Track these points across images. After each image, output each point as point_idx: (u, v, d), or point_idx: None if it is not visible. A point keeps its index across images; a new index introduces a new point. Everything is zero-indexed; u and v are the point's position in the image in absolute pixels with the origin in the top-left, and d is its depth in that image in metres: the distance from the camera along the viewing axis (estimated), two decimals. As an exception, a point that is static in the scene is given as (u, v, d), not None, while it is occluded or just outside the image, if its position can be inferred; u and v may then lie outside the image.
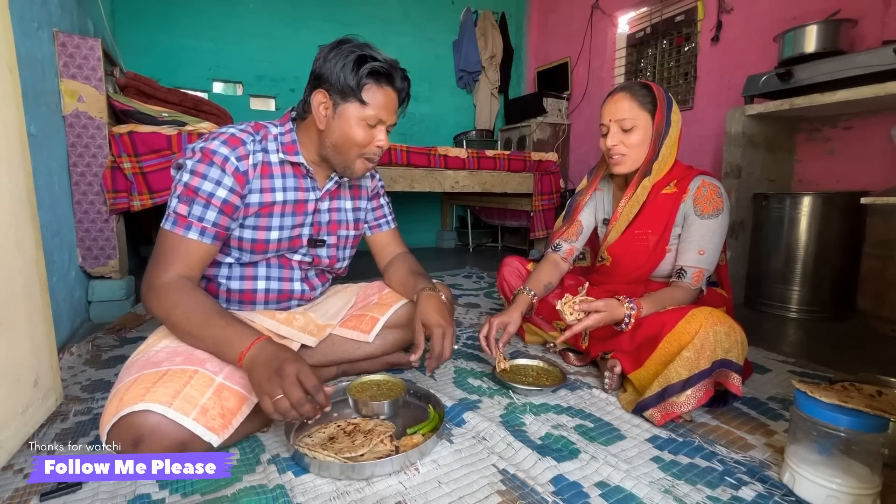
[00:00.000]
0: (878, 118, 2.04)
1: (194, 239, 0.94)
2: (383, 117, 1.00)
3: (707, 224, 1.18)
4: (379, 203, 1.30)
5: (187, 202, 0.93)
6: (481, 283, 2.55)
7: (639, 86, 1.22)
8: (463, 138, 3.70)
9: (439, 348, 1.05)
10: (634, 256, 1.28)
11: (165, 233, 0.94)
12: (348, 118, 0.99)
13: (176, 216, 0.93)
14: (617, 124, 1.21)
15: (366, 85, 0.97)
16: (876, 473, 0.74)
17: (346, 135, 1.00)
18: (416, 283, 1.17)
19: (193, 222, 0.93)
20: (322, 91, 0.98)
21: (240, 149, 0.98)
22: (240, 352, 0.84)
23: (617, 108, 1.21)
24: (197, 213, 0.94)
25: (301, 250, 1.13)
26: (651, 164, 1.21)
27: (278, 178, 1.05)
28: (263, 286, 1.11)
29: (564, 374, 1.21)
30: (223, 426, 0.82)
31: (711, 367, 0.96)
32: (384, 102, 0.99)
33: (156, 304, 0.90)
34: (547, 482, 0.81)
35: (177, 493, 0.78)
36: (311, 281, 1.20)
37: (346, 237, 1.22)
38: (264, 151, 1.03)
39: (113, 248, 1.78)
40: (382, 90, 0.99)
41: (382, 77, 0.98)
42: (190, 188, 0.94)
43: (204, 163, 0.95)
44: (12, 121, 0.94)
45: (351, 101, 0.98)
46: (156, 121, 1.88)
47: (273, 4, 3.38)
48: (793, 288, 2.02)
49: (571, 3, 3.76)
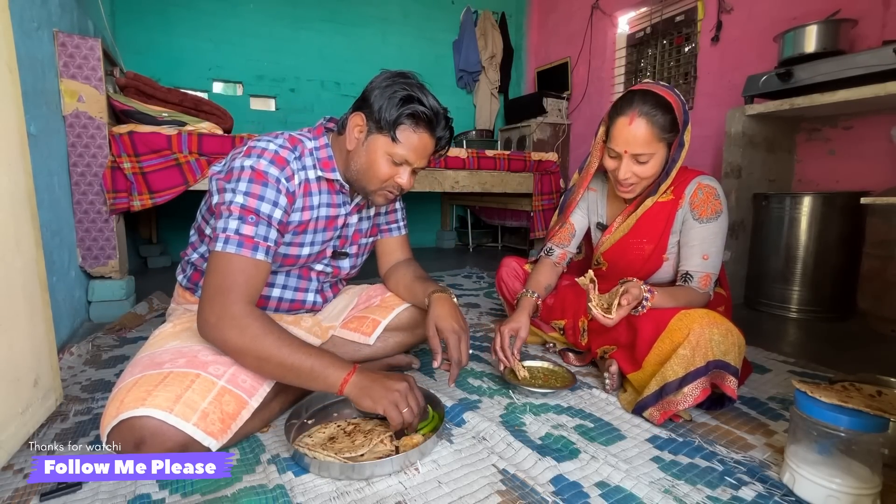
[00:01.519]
0: (878, 118, 2.04)
1: (262, 259, 0.90)
2: (411, 159, 0.99)
3: (707, 228, 1.15)
4: (394, 207, 1.28)
5: (253, 223, 0.90)
6: (481, 283, 2.56)
7: (660, 109, 1.07)
8: (463, 138, 3.70)
9: (457, 354, 1.03)
10: (629, 263, 1.28)
11: (229, 256, 0.88)
12: (376, 149, 0.98)
13: (241, 238, 0.88)
14: (632, 158, 1.11)
15: (402, 124, 0.96)
16: (876, 473, 0.74)
17: (370, 164, 0.99)
18: (426, 287, 1.15)
19: (260, 242, 0.90)
20: (361, 114, 0.98)
21: (287, 169, 0.96)
22: (343, 378, 0.86)
23: (634, 138, 1.08)
24: (262, 233, 0.91)
25: (324, 260, 1.13)
26: (659, 185, 1.17)
27: (315, 196, 1.04)
28: (277, 294, 1.11)
29: (573, 375, 1.21)
30: (222, 430, 0.83)
31: (707, 365, 0.96)
32: (416, 146, 0.98)
33: (237, 335, 0.84)
34: (547, 482, 0.81)
35: (177, 493, 0.78)
36: (325, 293, 1.21)
37: (365, 245, 1.22)
38: (304, 169, 1.01)
39: (113, 248, 1.78)
40: (418, 134, 0.97)
41: (422, 122, 0.97)
42: (249, 209, 0.90)
43: (258, 183, 0.92)
44: (12, 121, 0.94)
45: (384, 135, 0.97)
46: (156, 121, 1.88)
47: (273, 4, 3.38)
48: (793, 288, 2.02)
49: (571, 3, 3.76)
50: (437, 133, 1.00)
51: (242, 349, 0.85)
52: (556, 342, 1.47)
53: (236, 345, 0.85)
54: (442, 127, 1.01)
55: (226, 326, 0.85)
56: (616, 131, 1.11)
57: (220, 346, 0.88)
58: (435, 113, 0.98)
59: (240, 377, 0.89)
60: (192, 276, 1.11)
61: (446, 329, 1.04)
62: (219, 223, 0.90)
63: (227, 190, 0.92)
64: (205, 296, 0.87)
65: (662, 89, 1.11)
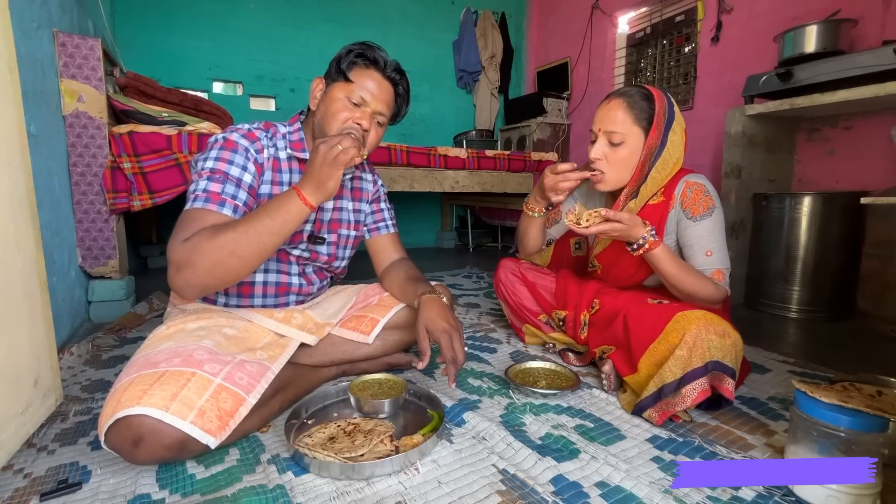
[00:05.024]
0: (878, 118, 2.04)
1: (227, 215, 0.92)
2: (367, 98, 1.04)
3: (702, 225, 1.15)
4: (379, 207, 1.30)
5: (220, 181, 0.94)
6: (481, 283, 2.56)
7: (640, 95, 1.13)
8: (463, 138, 3.70)
9: (451, 353, 1.02)
10: (624, 267, 1.28)
11: (194, 210, 0.90)
12: (334, 96, 1.04)
13: (208, 194, 0.92)
14: (606, 136, 1.14)
15: (354, 64, 1.04)
16: (876, 473, 0.74)
17: (328, 110, 1.04)
18: (416, 288, 1.15)
19: (227, 199, 0.94)
20: (320, 77, 1.09)
21: (257, 143, 1.04)
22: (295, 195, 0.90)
23: (609, 117, 1.13)
24: (230, 191, 0.95)
25: (301, 245, 1.14)
26: (638, 187, 1.16)
27: (286, 173, 1.09)
28: (262, 278, 1.12)
29: (577, 375, 1.21)
30: (220, 428, 0.83)
31: (705, 366, 0.96)
32: (370, 85, 1.04)
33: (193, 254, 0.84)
34: (547, 482, 0.81)
35: (177, 494, 0.78)
36: (308, 276, 1.20)
37: (347, 237, 1.23)
38: (274, 147, 1.08)
39: (113, 248, 1.78)
40: (369, 72, 1.04)
41: (371, 62, 1.04)
42: (218, 171, 0.95)
43: (227, 150, 0.98)
44: (12, 121, 0.94)
45: (339, 81, 1.04)
46: (156, 121, 1.88)
47: (273, 4, 3.38)
48: (793, 288, 2.02)
49: (571, 3, 3.76)
50: (387, 72, 1.06)
51: (207, 259, 0.85)
52: (556, 343, 1.47)
53: (200, 262, 0.85)
54: (392, 69, 1.07)
55: (182, 258, 0.85)
56: (596, 115, 1.19)
57: (190, 281, 0.86)
58: (384, 59, 1.06)
59: (237, 374, 0.89)
60: None
61: (436, 330, 1.03)
62: (189, 188, 0.95)
63: (199, 160, 0.99)
64: (168, 247, 0.88)
65: (651, 87, 1.17)
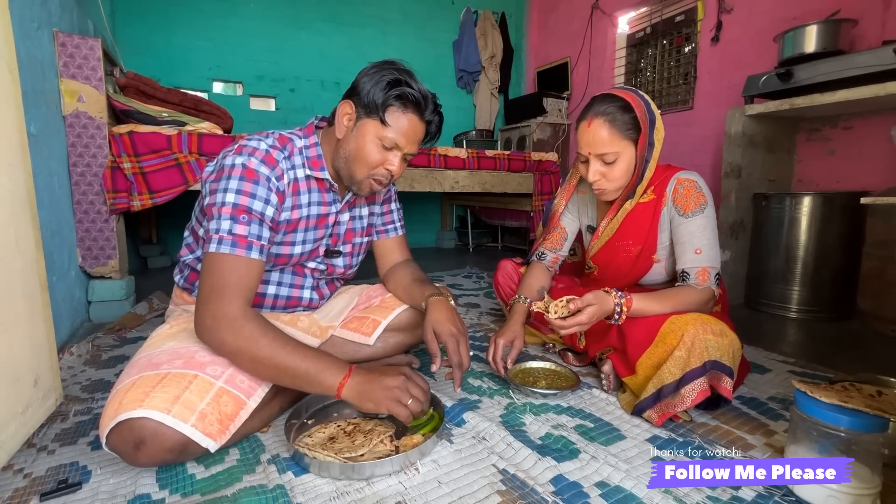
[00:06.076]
0: (878, 118, 2.04)
1: (256, 258, 0.90)
2: (401, 143, 0.98)
3: (694, 222, 1.14)
4: (389, 208, 1.28)
5: (245, 223, 0.90)
6: (481, 283, 2.56)
7: (617, 108, 1.10)
8: (463, 138, 3.70)
9: (457, 358, 1.03)
10: (619, 266, 1.28)
11: (223, 256, 0.87)
12: (365, 134, 0.97)
13: (234, 238, 0.88)
14: (598, 158, 1.14)
15: (391, 106, 0.96)
16: (876, 473, 0.74)
17: (359, 150, 0.98)
18: (423, 290, 1.15)
19: (254, 242, 0.90)
20: (350, 102, 0.98)
21: (277, 168, 0.96)
22: (339, 382, 0.86)
23: (596, 140, 1.11)
24: (255, 231, 0.91)
25: (317, 259, 1.13)
26: (636, 188, 1.18)
27: (304, 194, 1.04)
28: (273, 291, 1.11)
29: (577, 376, 1.21)
30: (221, 431, 0.82)
31: (703, 366, 0.96)
32: (405, 129, 0.97)
33: (232, 338, 0.84)
34: (547, 482, 0.81)
35: (177, 494, 0.78)
36: (321, 290, 1.20)
37: (360, 244, 1.22)
38: (293, 168, 1.02)
39: (113, 248, 1.78)
40: (407, 116, 0.97)
41: (410, 104, 0.97)
42: (241, 208, 0.90)
43: (249, 181, 0.91)
44: (12, 121, 0.94)
45: (373, 118, 0.97)
46: (156, 121, 1.89)
47: (273, 4, 3.38)
48: (793, 288, 2.02)
49: (571, 3, 3.76)
50: (425, 116, 1.00)
51: (237, 351, 0.85)
52: (556, 343, 1.47)
53: (231, 347, 0.85)
54: (431, 111, 1.00)
55: (221, 328, 0.85)
56: (580, 136, 1.16)
57: (215, 349, 0.88)
58: (423, 96, 0.98)
59: (238, 378, 0.89)
60: (189, 276, 1.11)
61: (444, 333, 1.04)
62: (211, 224, 0.90)
63: (219, 190, 0.91)
64: (200, 297, 0.87)
65: (621, 91, 1.14)
